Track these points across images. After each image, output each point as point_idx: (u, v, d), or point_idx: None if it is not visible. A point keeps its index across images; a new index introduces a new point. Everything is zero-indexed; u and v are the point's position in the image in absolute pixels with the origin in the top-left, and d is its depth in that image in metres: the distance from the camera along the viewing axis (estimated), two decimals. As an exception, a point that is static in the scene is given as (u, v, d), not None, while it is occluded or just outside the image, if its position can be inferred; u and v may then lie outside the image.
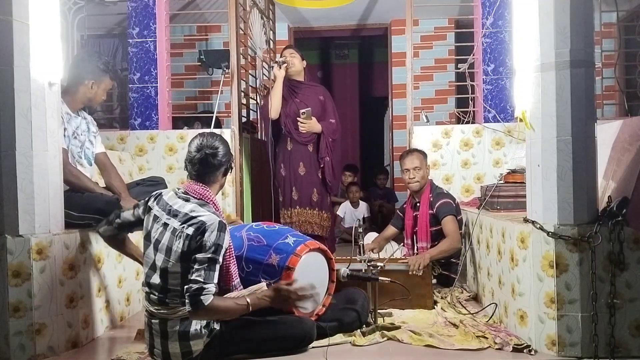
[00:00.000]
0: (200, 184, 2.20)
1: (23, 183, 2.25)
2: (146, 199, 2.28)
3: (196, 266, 2.02)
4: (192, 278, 2.01)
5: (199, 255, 2.03)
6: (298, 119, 3.82)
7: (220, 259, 2.08)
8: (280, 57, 3.99)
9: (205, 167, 2.18)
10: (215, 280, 2.05)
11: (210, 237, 2.04)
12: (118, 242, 2.42)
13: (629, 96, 4.75)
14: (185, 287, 2.02)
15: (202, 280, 2.01)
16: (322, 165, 3.89)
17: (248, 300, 2.11)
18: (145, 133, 4.10)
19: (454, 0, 5.42)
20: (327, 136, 3.89)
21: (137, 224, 2.29)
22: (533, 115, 2.29)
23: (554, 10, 2.20)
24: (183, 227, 2.08)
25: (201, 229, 2.05)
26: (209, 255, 2.03)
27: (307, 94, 3.98)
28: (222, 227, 2.07)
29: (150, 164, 4.05)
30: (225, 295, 2.15)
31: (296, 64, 3.91)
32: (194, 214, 2.10)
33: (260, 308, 2.16)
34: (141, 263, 2.28)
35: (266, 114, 3.89)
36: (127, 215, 2.30)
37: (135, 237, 2.52)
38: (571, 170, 2.18)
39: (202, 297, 1.99)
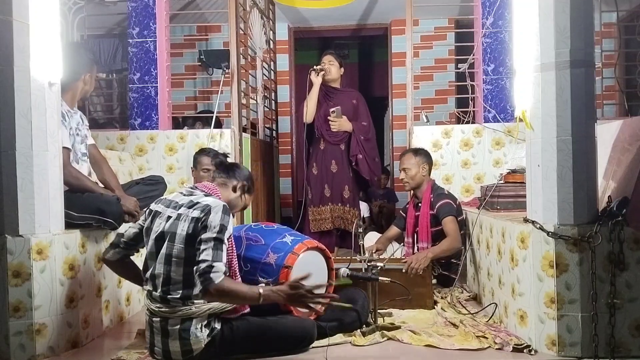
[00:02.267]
0: (211, 184, 2.30)
1: (23, 183, 2.25)
2: (149, 207, 2.28)
3: (203, 246, 2.03)
4: (200, 258, 2.01)
5: (204, 236, 2.04)
6: (328, 117, 4.03)
7: (226, 241, 2.08)
8: (320, 62, 4.19)
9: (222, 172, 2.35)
10: (224, 260, 2.05)
11: (215, 218, 2.05)
12: (125, 266, 2.37)
13: (629, 96, 4.75)
14: (195, 267, 2.01)
15: (210, 258, 2.01)
16: (354, 163, 4.04)
17: (260, 291, 2.09)
18: (145, 133, 4.11)
19: (454, 0, 5.41)
20: (358, 134, 4.15)
21: (142, 235, 2.26)
22: (533, 115, 2.29)
23: (554, 10, 2.20)
24: (188, 211, 2.10)
25: (206, 210, 2.07)
26: (214, 235, 2.04)
27: (341, 98, 4.22)
28: (226, 210, 2.10)
29: (150, 164, 4.05)
30: None
31: (333, 71, 4.14)
32: (199, 200, 2.14)
33: (271, 302, 2.14)
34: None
35: (301, 118, 4.13)
36: (131, 230, 2.29)
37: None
38: (571, 170, 2.18)
39: (211, 275, 1.99)
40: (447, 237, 3.22)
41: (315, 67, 4.13)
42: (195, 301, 2.07)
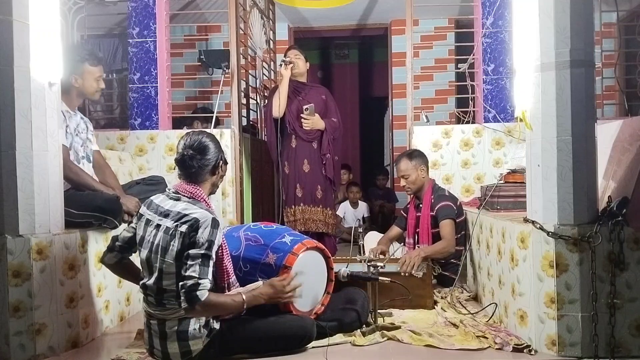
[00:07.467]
0: (191, 184, 2.21)
1: (23, 183, 2.25)
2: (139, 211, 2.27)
3: (190, 262, 2.01)
4: (186, 274, 2.00)
5: (192, 252, 2.02)
6: (302, 115, 3.92)
7: (214, 256, 2.07)
8: (285, 57, 4.04)
9: (192, 168, 2.19)
10: (210, 276, 2.05)
11: (203, 234, 2.03)
12: (123, 267, 2.36)
13: (629, 96, 4.75)
14: (180, 283, 2.01)
15: (196, 275, 2.00)
16: (324, 162, 3.95)
17: (243, 297, 2.12)
18: (145, 133, 4.10)
19: (454, 0, 5.42)
20: (330, 133, 4.01)
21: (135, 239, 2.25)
22: (533, 115, 2.29)
23: (554, 10, 2.20)
24: (177, 225, 2.07)
25: (195, 226, 2.04)
26: (202, 252, 2.03)
27: (310, 93, 4.08)
28: (215, 224, 2.07)
29: (150, 164, 4.05)
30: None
31: (300, 65, 4.02)
32: (186, 212, 2.09)
33: (256, 305, 2.16)
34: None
35: (270, 112, 3.95)
36: (125, 233, 2.27)
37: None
38: (571, 170, 2.18)
39: (197, 293, 1.99)
40: (443, 239, 3.22)
41: (284, 59, 3.99)
42: None
